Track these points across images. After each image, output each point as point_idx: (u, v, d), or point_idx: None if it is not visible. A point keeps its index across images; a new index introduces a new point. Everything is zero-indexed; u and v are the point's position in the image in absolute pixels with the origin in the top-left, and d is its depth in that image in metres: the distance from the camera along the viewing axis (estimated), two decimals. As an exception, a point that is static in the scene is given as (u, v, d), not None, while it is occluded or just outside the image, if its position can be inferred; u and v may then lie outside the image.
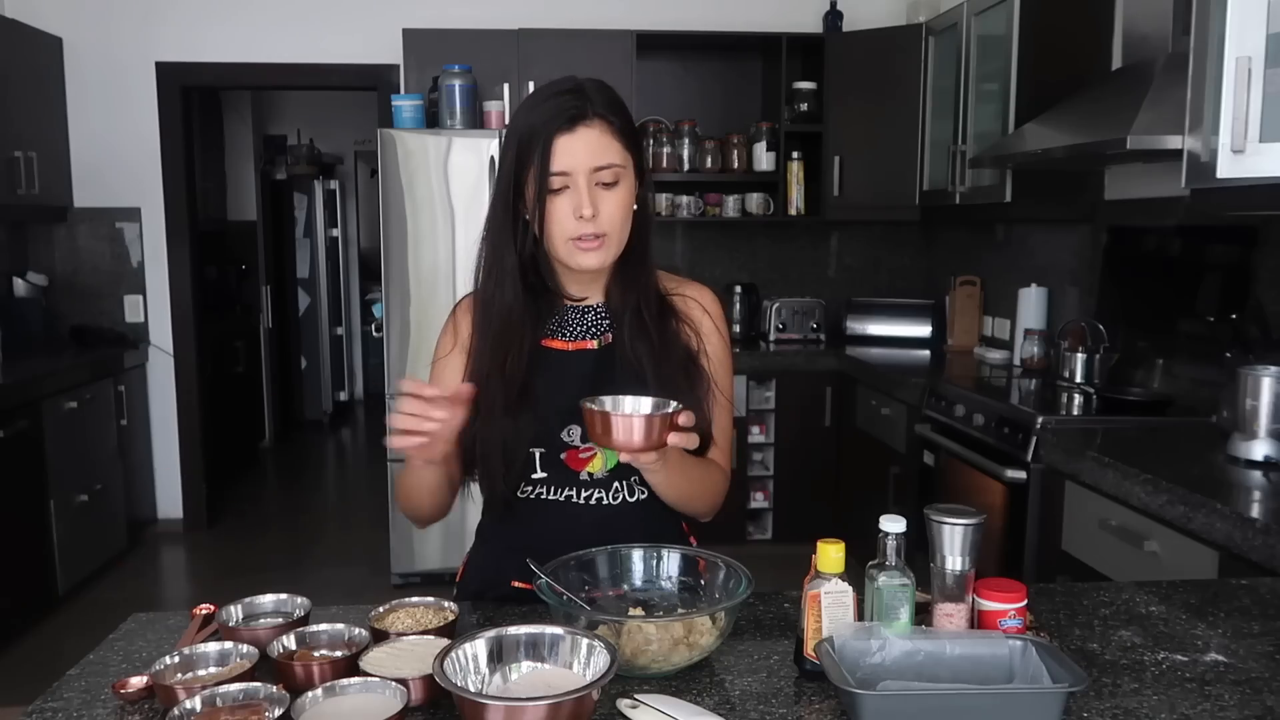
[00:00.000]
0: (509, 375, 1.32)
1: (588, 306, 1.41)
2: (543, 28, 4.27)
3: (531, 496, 1.39)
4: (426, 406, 1.18)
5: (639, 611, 1.21)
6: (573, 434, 1.35)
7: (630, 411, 1.21)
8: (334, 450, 7.05)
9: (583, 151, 1.26)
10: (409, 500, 1.39)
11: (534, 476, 1.37)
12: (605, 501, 1.38)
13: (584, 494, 1.37)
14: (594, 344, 1.39)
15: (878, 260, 4.89)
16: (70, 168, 4.50)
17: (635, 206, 1.34)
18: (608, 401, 1.22)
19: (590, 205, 1.26)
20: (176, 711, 0.96)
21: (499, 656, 1.04)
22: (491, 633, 1.05)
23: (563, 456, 1.36)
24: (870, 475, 3.88)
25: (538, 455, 1.36)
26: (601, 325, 1.40)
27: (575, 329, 1.40)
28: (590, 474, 1.37)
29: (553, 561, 1.23)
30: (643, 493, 1.39)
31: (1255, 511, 1.83)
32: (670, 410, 1.19)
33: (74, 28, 4.43)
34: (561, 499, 1.37)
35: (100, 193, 4.53)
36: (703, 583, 1.27)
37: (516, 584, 1.31)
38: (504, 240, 1.33)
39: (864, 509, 3.41)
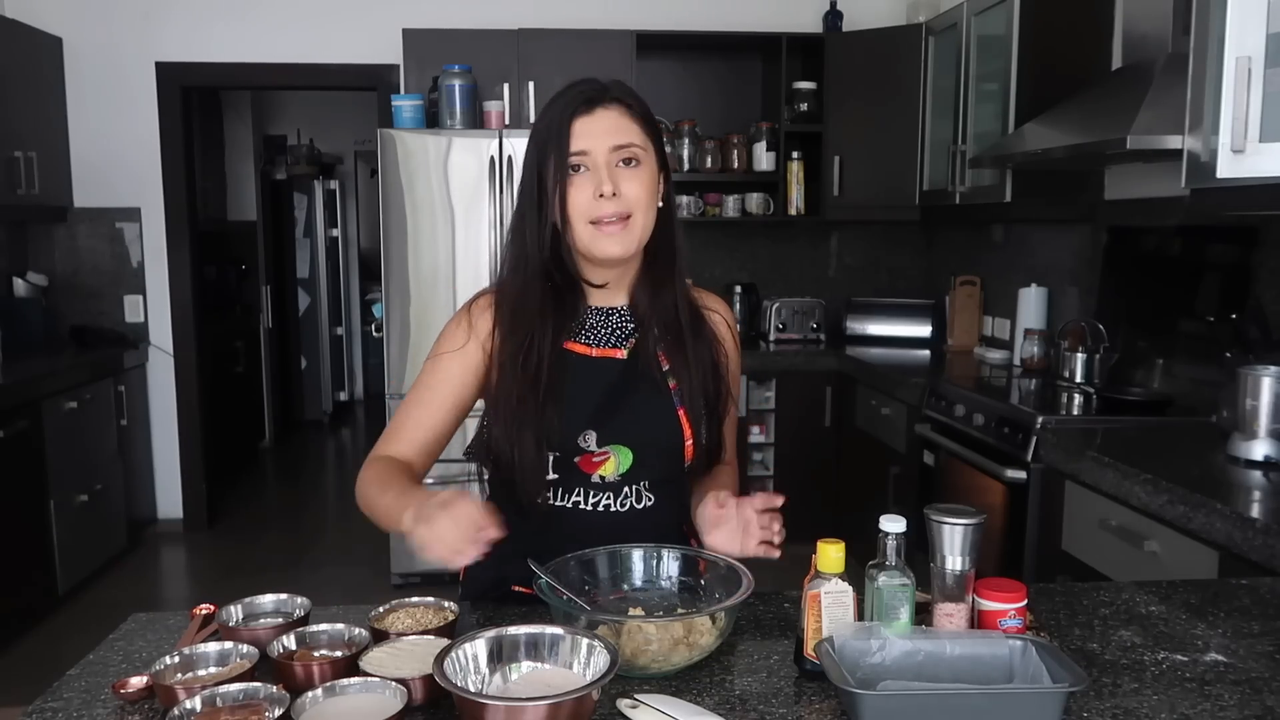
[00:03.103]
0: (527, 372, 1.30)
1: (613, 309, 1.38)
2: (543, 28, 4.27)
3: (539, 501, 1.36)
4: (482, 532, 1.10)
5: (639, 612, 1.21)
6: (588, 439, 1.32)
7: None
8: (334, 450, 7.05)
9: (601, 131, 1.26)
10: (373, 516, 1.32)
11: (546, 478, 1.35)
12: (613, 509, 1.36)
13: (592, 500, 1.35)
14: (622, 353, 1.36)
15: (878, 260, 4.89)
16: (70, 168, 4.50)
17: (660, 203, 1.33)
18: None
19: (610, 183, 1.25)
20: (176, 711, 0.96)
21: (499, 656, 1.04)
22: (491, 633, 1.05)
23: (576, 460, 1.34)
24: (870, 475, 3.88)
25: (551, 457, 1.33)
26: (627, 330, 1.37)
27: (600, 334, 1.37)
28: (602, 477, 1.35)
29: (553, 561, 1.24)
30: (649, 500, 1.37)
31: (1255, 511, 1.83)
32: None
33: (74, 28, 4.42)
34: (569, 505, 1.35)
35: (100, 193, 4.53)
36: (703, 583, 1.27)
37: (517, 588, 1.31)
38: (528, 237, 1.31)
39: (864, 509, 3.41)
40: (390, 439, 1.37)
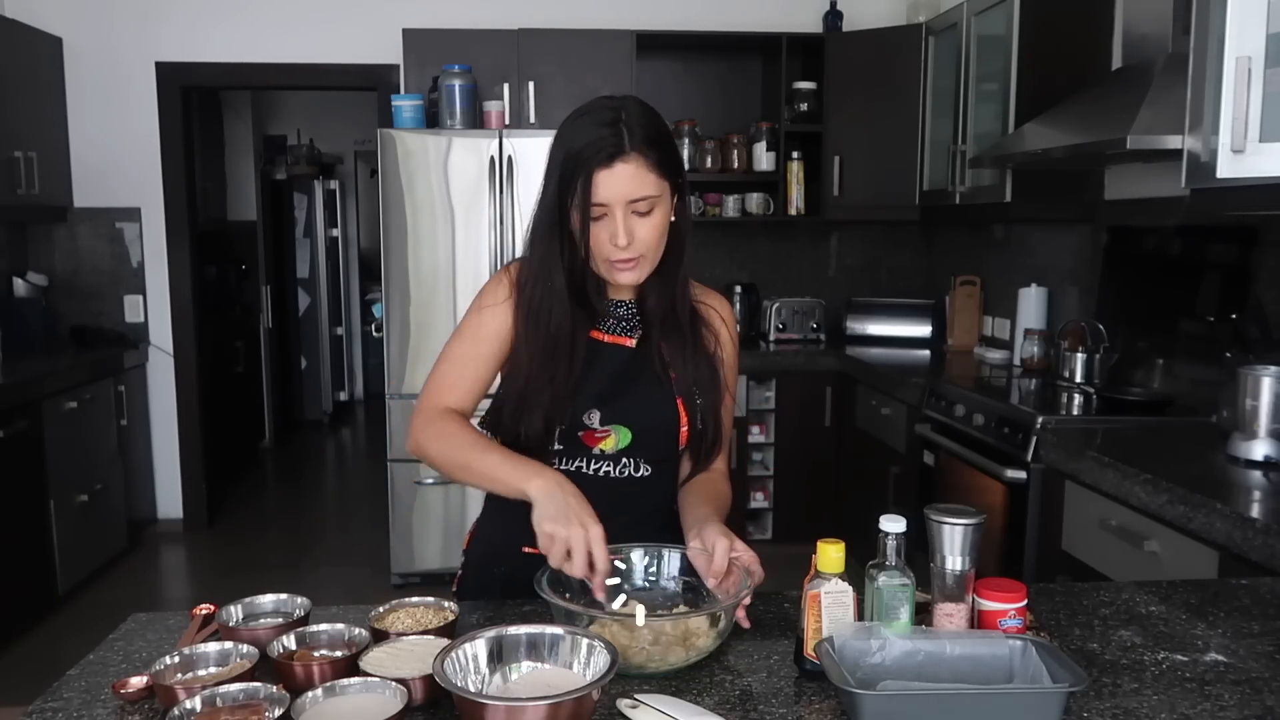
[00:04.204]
0: (559, 383, 1.39)
1: (621, 301, 1.48)
2: (543, 28, 4.27)
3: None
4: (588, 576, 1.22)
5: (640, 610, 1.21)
6: (593, 418, 1.42)
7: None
8: (334, 450, 7.05)
9: (619, 186, 1.33)
10: (457, 473, 1.39)
11: (550, 448, 1.43)
12: (612, 475, 1.44)
13: (594, 466, 1.44)
14: (631, 341, 1.46)
15: (878, 260, 4.89)
16: (70, 168, 4.50)
17: (673, 218, 1.40)
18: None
19: (625, 235, 1.34)
20: (176, 711, 0.96)
21: (499, 656, 1.04)
22: (491, 633, 1.05)
23: (580, 434, 1.42)
24: (870, 475, 3.88)
25: (557, 430, 1.42)
26: (634, 321, 1.47)
27: (612, 322, 1.47)
28: (603, 450, 1.43)
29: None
30: (647, 470, 1.45)
31: (1255, 511, 1.83)
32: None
33: (74, 28, 4.42)
34: (572, 469, 1.43)
35: (100, 193, 4.53)
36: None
37: (528, 550, 1.33)
38: (551, 259, 1.39)
39: (864, 509, 3.41)
40: (446, 390, 1.44)
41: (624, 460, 1.44)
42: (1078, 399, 3.00)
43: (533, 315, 1.41)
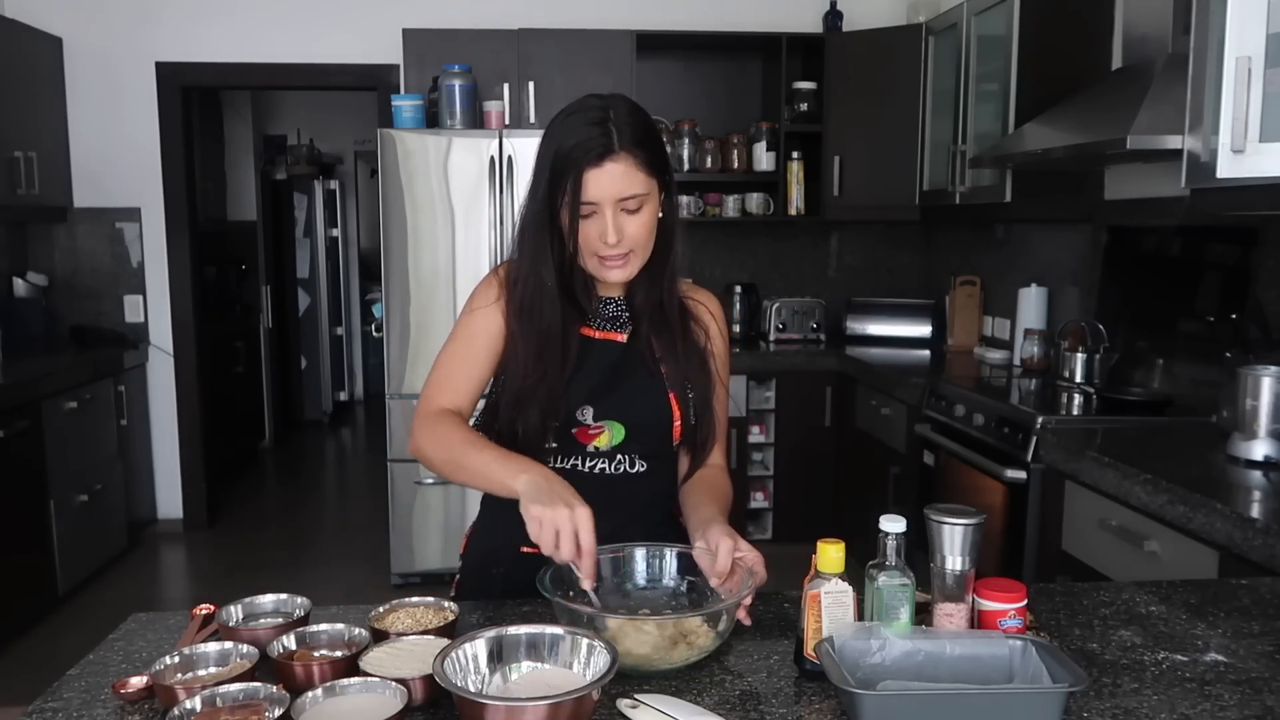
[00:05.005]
0: (553, 379, 1.39)
1: (610, 299, 1.49)
2: (543, 28, 4.28)
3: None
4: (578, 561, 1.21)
5: (645, 611, 1.21)
6: (586, 414, 1.42)
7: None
8: (334, 450, 7.05)
9: (609, 184, 1.34)
10: (453, 473, 1.38)
11: (545, 446, 1.44)
12: (608, 471, 1.45)
13: (589, 463, 1.45)
14: (622, 336, 1.47)
15: (878, 260, 4.89)
16: (70, 168, 4.50)
17: (661, 214, 1.42)
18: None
19: (615, 232, 1.36)
20: (176, 711, 0.96)
21: (499, 656, 1.04)
22: (491, 633, 1.05)
23: (573, 431, 1.43)
24: (870, 475, 3.88)
25: (551, 427, 1.43)
26: (624, 317, 1.49)
27: (602, 319, 1.48)
28: (597, 447, 1.44)
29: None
30: (643, 466, 1.46)
31: (1255, 511, 1.83)
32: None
33: (73, 28, 4.42)
34: (567, 467, 1.44)
35: (100, 193, 4.53)
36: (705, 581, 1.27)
37: (526, 549, 1.33)
38: (541, 257, 1.40)
39: (864, 509, 3.41)
40: (443, 392, 1.45)
41: (619, 457, 1.44)
42: (1078, 399, 3.00)
43: (524, 312, 1.42)
